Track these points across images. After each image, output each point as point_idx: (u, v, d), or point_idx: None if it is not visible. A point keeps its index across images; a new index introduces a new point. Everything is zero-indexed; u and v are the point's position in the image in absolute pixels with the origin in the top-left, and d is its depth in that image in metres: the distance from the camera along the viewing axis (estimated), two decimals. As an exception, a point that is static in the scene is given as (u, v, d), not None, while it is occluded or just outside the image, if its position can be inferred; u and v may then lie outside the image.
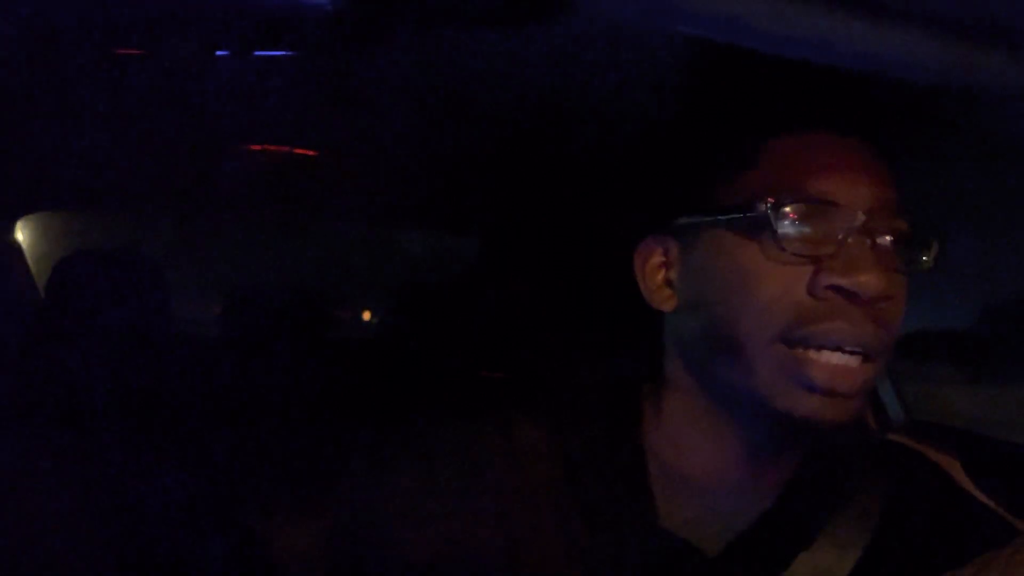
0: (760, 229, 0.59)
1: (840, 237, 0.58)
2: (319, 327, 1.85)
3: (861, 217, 0.58)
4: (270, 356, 1.69)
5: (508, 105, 0.98)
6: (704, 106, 0.69)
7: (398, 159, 1.41)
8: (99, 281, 1.48)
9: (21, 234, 1.95)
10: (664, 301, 0.65)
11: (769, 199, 0.58)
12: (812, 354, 0.58)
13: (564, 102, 0.93)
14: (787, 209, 0.58)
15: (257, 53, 0.84)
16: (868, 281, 0.57)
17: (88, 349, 1.43)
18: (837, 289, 0.58)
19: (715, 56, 0.64)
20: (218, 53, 0.82)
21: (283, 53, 0.86)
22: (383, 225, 2.54)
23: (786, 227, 0.58)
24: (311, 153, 1.41)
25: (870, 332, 0.58)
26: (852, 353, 0.58)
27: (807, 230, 0.58)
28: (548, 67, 0.80)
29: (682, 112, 0.73)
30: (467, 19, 0.72)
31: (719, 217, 0.61)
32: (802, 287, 0.58)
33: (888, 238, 0.59)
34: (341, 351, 1.95)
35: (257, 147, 1.39)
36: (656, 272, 0.66)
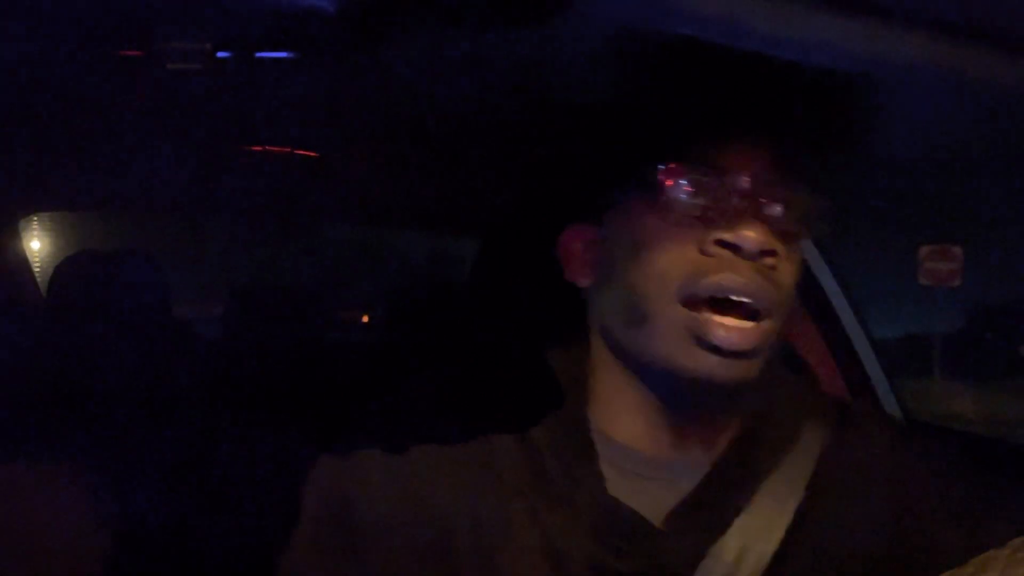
0: (657, 200, 0.65)
1: (726, 200, 0.64)
2: (318, 328, 1.86)
3: (745, 181, 0.64)
4: (270, 356, 1.69)
5: (510, 105, 0.99)
6: (613, 98, 0.75)
7: (398, 159, 1.41)
8: (100, 281, 1.48)
9: (23, 234, 1.95)
10: (582, 276, 0.72)
11: (661, 172, 0.64)
12: (708, 315, 0.62)
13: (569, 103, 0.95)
14: (678, 179, 0.64)
15: (258, 54, 0.85)
16: (749, 235, 0.62)
17: (89, 348, 1.43)
18: (723, 244, 0.63)
19: (622, 51, 0.69)
20: (218, 54, 0.82)
21: (284, 54, 0.86)
22: (383, 225, 2.55)
23: (678, 195, 0.64)
24: (311, 154, 1.41)
25: (758, 283, 0.63)
26: (742, 306, 0.63)
27: (696, 196, 0.64)
28: (553, 68, 0.80)
29: (595, 105, 0.77)
30: (467, 19, 0.72)
31: (623, 194, 0.68)
32: (694, 246, 0.64)
33: (772, 201, 0.65)
34: (338, 352, 1.95)
35: (258, 148, 1.39)
36: (576, 254, 0.72)
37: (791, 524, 0.68)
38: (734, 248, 0.63)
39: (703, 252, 0.64)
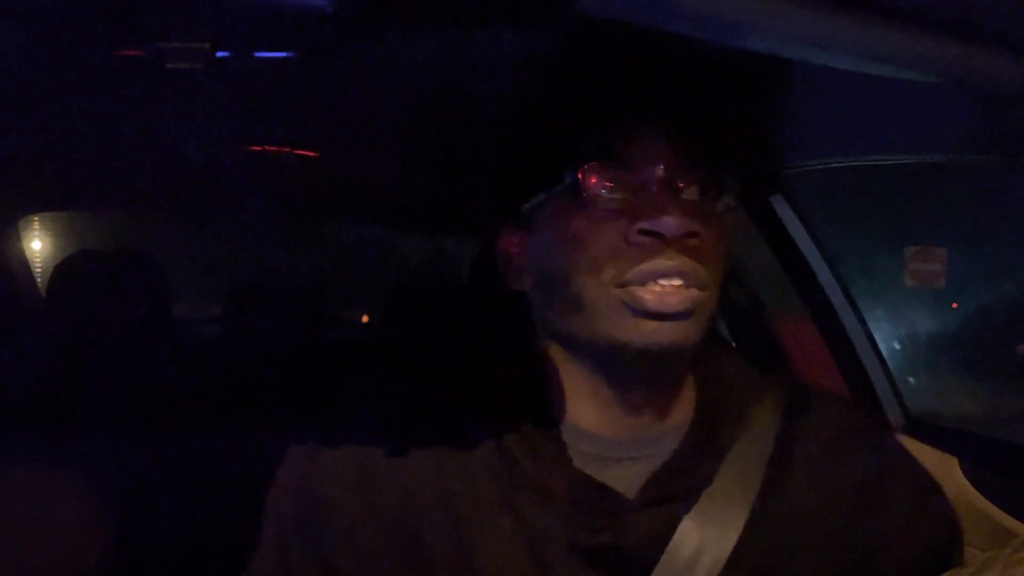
0: (578, 197, 0.68)
1: (644, 189, 0.67)
2: (318, 328, 1.85)
3: (660, 170, 0.67)
4: (270, 355, 1.69)
5: (509, 105, 0.99)
6: (529, 104, 0.78)
7: (397, 159, 1.41)
8: (100, 281, 1.48)
9: (23, 235, 1.95)
10: (522, 282, 0.75)
11: (579, 170, 0.67)
12: (640, 288, 0.66)
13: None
14: (596, 175, 0.67)
15: (257, 54, 0.85)
16: (670, 221, 0.65)
17: (88, 348, 1.43)
18: (646, 232, 0.66)
19: (532, 54, 0.75)
20: (218, 54, 0.82)
21: (283, 54, 0.86)
22: (383, 225, 2.55)
23: (598, 191, 0.67)
24: (311, 154, 1.41)
25: (684, 262, 0.66)
26: (672, 284, 0.66)
27: (615, 189, 0.68)
28: (553, 69, 0.80)
29: (512, 110, 0.81)
30: (467, 19, 0.72)
31: (546, 194, 0.71)
32: (619, 237, 0.67)
33: (686, 184, 0.68)
34: (338, 351, 1.95)
35: (257, 148, 1.39)
36: (511, 258, 0.75)
37: (757, 496, 0.72)
38: (657, 235, 0.66)
39: (629, 242, 0.67)
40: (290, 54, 0.86)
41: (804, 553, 0.72)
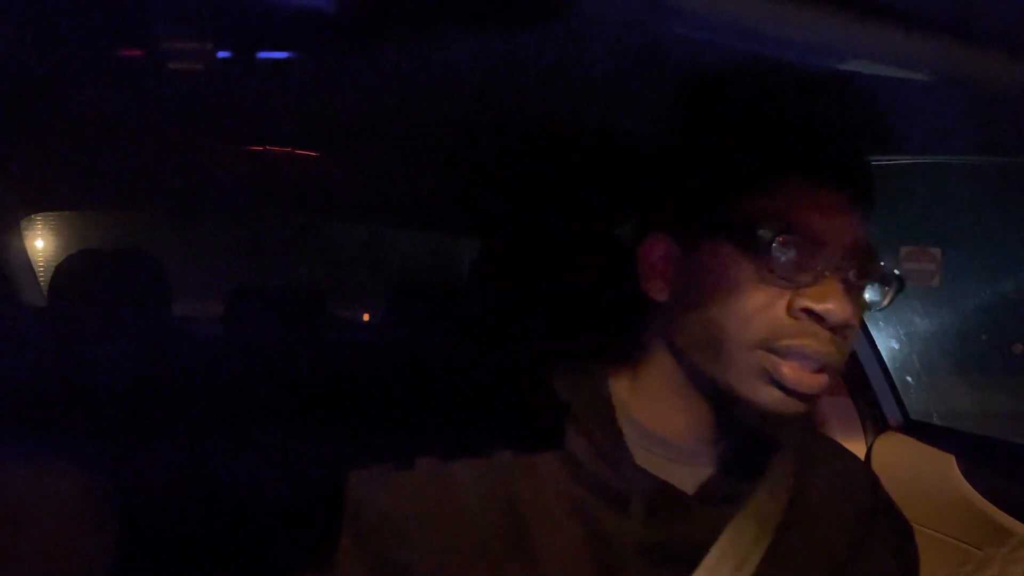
0: (756, 250, 0.69)
1: (819, 269, 0.69)
2: (318, 327, 1.85)
3: (839, 255, 0.69)
4: (269, 355, 1.69)
5: (509, 106, 0.99)
6: (724, 132, 0.78)
7: (398, 159, 1.41)
8: (100, 280, 1.48)
9: (25, 234, 1.95)
10: (658, 291, 0.76)
11: (769, 227, 0.68)
12: (783, 360, 0.69)
13: (568, 105, 0.95)
14: (782, 240, 0.68)
15: (258, 54, 0.85)
16: (835, 309, 0.68)
17: (89, 348, 1.43)
18: (809, 312, 0.68)
19: (742, 84, 0.74)
20: (219, 54, 0.82)
21: (283, 54, 0.86)
22: (383, 225, 2.55)
23: (778, 254, 0.69)
24: (312, 154, 1.41)
25: (830, 351, 0.69)
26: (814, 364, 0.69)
27: (794, 260, 0.69)
28: (553, 70, 0.80)
29: (704, 131, 0.80)
30: (467, 19, 0.72)
31: (723, 231, 0.71)
32: (782, 306, 0.69)
33: (858, 276, 0.70)
34: (339, 351, 1.95)
35: (258, 148, 1.39)
36: (657, 265, 0.76)
37: (783, 512, 0.78)
38: (818, 318, 0.68)
39: (790, 314, 0.69)
40: (290, 54, 0.86)
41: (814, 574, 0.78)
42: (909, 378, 1.62)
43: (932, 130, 0.98)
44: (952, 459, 1.35)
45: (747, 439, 0.78)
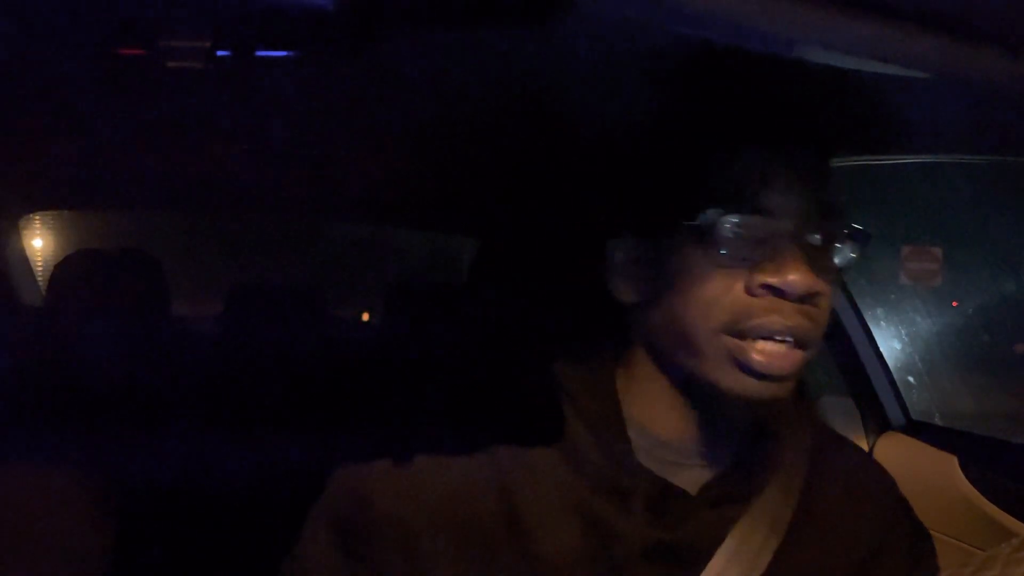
0: (707, 237, 0.67)
1: (773, 242, 0.67)
2: (318, 327, 1.85)
3: (790, 224, 0.67)
4: (269, 355, 1.69)
5: (507, 106, 0.99)
6: (667, 126, 0.76)
7: (398, 159, 1.41)
8: (99, 280, 1.48)
9: (24, 233, 1.95)
10: (628, 294, 0.74)
11: (713, 211, 0.67)
12: (751, 344, 0.67)
13: (550, 106, 0.96)
14: (727, 221, 0.67)
15: (258, 53, 0.84)
16: (795, 280, 0.65)
17: (88, 347, 1.43)
18: (769, 288, 0.66)
19: (671, 76, 0.73)
20: (218, 53, 0.82)
21: (284, 53, 0.86)
22: (383, 225, 2.54)
23: (727, 236, 0.67)
24: (311, 153, 1.41)
25: (800, 323, 0.67)
26: (784, 342, 0.67)
27: (744, 238, 0.67)
28: (540, 69, 0.80)
29: (652, 129, 0.79)
30: (467, 19, 0.72)
31: (676, 224, 0.70)
32: (740, 287, 0.67)
33: (817, 238, 0.68)
34: (339, 350, 1.95)
35: (258, 147, 1.39)
36: (622, 267, 0.74)
37: (793, 513, 0.76)
38: (779, 292, 0.66)
39: (749, 293, 0.67)
40: (290, 54, 0.86)
41: None
42: (911, 378, 1.62)
43: (932, 130, 0.98)
44: (954, 459, 1.35)
45: (754, 438, 0.77)
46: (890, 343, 1.59)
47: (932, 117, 0.91)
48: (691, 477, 0.74)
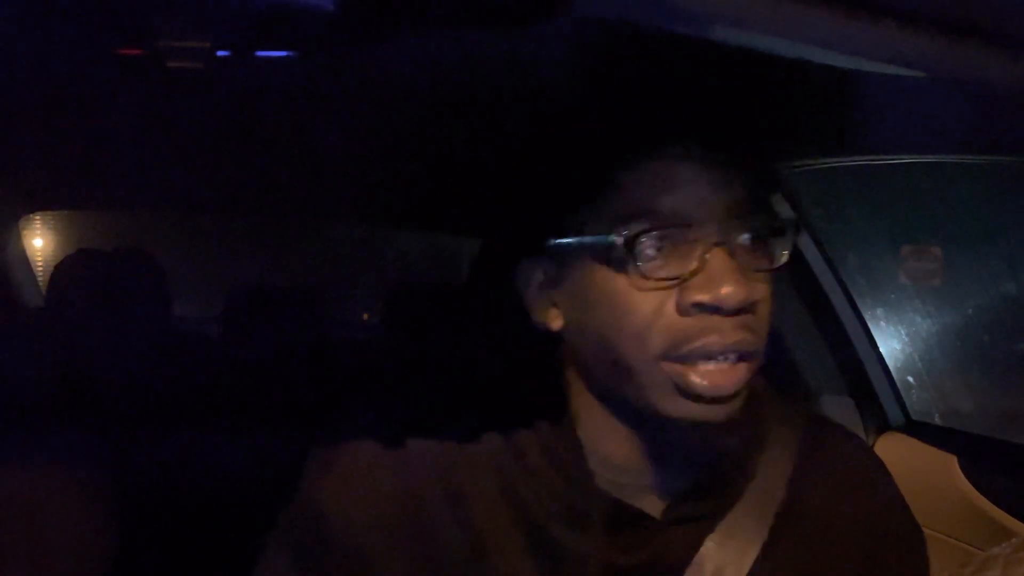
0: (624, 255, 0.60)
1: (699, 253, 0.60)
2: (317, 327, 1.85)
3: (712, 229, 0.60)
4: (269, 355, 1.69)
5: (508, 106, 0.99)
6: (566, 133, 0.69)
7: (398, 159, 1.41)
8: (99, 280, 1.48)
9: (24, 233, 1.95)
10: (551, 320, 0.67)
11: (625, 229, 0.60)
12: (691, 368, 0.61)
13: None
14: (643, 239, 0.60)
15: (258, 53, 0.85)
16: (729, 293, 0.59)
17: (88, 347, 1.43)
18: (702, 306, 0.60)
19: (572, 85, 0.69)
20: (218, 53, 0.82)
21: (283, 53, 0.86)
22: (383, 225, 2.55)
23: (645, 255, 0.60)
24: (311, 153, 1.41)
25: (741, 338, 0.61)
26: (726, 360, 0.61)
27: (666, 254, 0.60)
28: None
29: (548, 137, 0.71)
30: (467, 19, 0.72)
31: (585, 243, 0.63)
32: (671, 307, 0.61)
33: (745, 237, 0.62)
34: (338, 350, 1.95)
35: (256, 146, 1.39)
36: (538, 292, 0.67)
37: (769, 531, 0.70)
38: (714, 309, 0.60)
39: (683, 314, 0.61)
40: (290, 54, 0.86)
41: None
42: (910, 378, 1.62)
43: (932, 130, 0.98)
44: (954, 459, 1.34)
45: (720, 453, 0.71)
46: (890, 343, 1.59)
47: (932, 117, 0.91)
48: (653, 500, 0.69)
